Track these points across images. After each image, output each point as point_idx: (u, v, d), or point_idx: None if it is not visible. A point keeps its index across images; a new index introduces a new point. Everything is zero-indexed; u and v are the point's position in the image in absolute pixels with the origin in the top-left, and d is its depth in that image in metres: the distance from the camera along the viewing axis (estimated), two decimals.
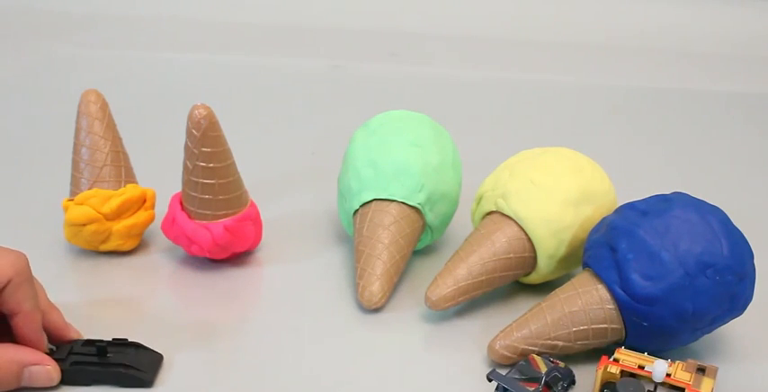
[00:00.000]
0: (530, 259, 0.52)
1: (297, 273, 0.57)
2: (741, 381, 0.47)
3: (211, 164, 0.52)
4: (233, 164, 0.54)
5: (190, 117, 0.51)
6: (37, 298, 0.42)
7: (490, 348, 0.47)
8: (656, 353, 0.45)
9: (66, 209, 0.55)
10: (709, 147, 0.83)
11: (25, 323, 0.42)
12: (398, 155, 0.54)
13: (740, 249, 0.45)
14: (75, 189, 0.56)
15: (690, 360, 0.44)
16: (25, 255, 0.42)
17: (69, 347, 0.45)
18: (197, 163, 0.52)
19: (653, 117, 0.92)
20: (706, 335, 0.48)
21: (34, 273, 0.44)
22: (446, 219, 0.58)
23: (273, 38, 1.14)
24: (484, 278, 0.51)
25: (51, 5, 1.21)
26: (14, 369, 0.41)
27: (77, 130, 0.56)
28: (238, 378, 0.46)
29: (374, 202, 0.54)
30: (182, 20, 1.19)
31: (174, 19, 1.19)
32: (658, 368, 0.42)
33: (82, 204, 0.54)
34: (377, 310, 0.52)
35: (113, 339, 0.46)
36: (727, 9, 1.22)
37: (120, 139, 0.57)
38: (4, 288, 0.40)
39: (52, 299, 0.46)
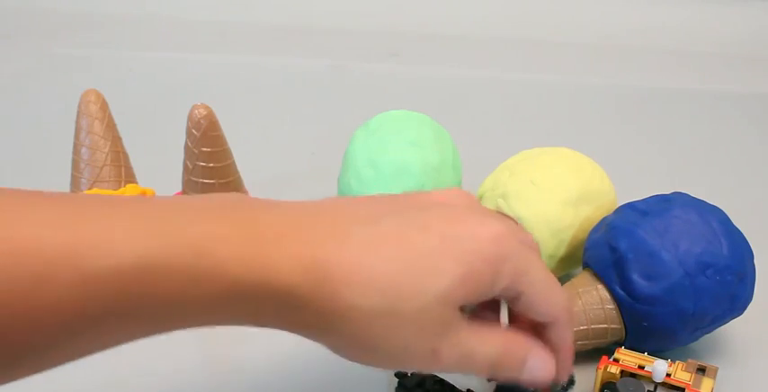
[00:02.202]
0: None
1: None
2: (741, 381, 0.47)
3: (211, 164, 0.52)
4: (233, 164, 0.54)
5: (190, 117, 0.51)
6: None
7: None
8: (656, 353, 0.45)
9: None
10: (709, 147, 0.83)
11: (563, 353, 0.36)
12: (398, 155, 0.54)
13: (740, 249, 0.45)
14: (75, 189, 0.56)
15: (690, 361, 0.44)
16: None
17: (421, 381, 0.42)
18: (197, 163, 0.52)
19: (653, 117, 0.92)
20: (706, 335, 0.48)
21: None
22: None
23: (273, 38, 1.15)
24: None
25: (51, 5, 1.21)
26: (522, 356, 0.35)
27: (77, 130, 0.56)
28: (239, 378, 0.46)
29: None
30: (182, 20, 1.20)
31: (174, 19, 1.20)
32: (658, 368, 0.42)
33: None
34: None
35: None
36: (727, 9, 1.22)
37: (120, 139, 0.57)
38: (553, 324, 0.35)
39: None
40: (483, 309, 0.38)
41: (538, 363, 0.35)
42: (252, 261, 0.29)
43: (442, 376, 0.43)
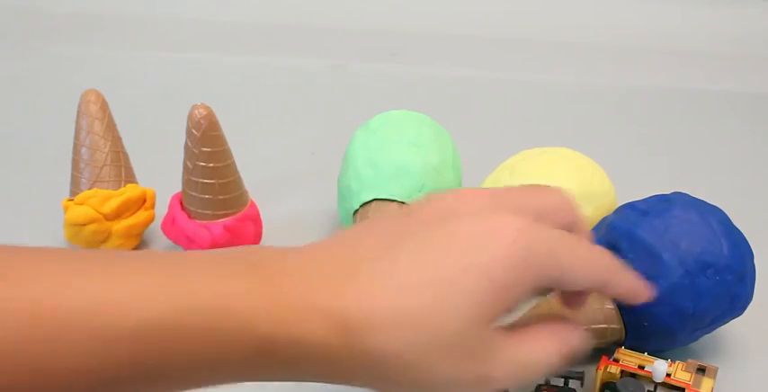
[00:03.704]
0: None
1: None
2: (741, 381, 0.47)
3: (211, 164, 0.52)
4: (233, 163, 0.54)
5: (190, 117, 0.51)
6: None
7: None
8: (656, 353, 0.45)
9: (66, 209, 0.55)
10: (708, 147, 0.83)
11: None
12: (398, 155, 0.54)
13: (740, 249, 0.45)
14: (75, 189, 0.57)
15: (690, 361, 0.44)
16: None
17: None
18: (197, 163, 0.52)
19: (653, 117, 0.92)
20: (706, 335, 0.48)
21: None
22: None
23: (273, 38, 1.15)
24: None
25: (51, 5, 1.21)
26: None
27: (77, 130, 0.56)
28: None
29: (374, 202, 0.54)
30: (182, 20, 1.19)
31: (174, 19, 1.19)
32: (658, 368, 0.42)
33: (82, 204, 0.54)
34: None
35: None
36: (728, 9, 1.22)
37: (120, 139, 0.57)
38: None
39: None
40: None
41: (577, 341, 0.34)
42: (278, 318, 0.28)
43: None
